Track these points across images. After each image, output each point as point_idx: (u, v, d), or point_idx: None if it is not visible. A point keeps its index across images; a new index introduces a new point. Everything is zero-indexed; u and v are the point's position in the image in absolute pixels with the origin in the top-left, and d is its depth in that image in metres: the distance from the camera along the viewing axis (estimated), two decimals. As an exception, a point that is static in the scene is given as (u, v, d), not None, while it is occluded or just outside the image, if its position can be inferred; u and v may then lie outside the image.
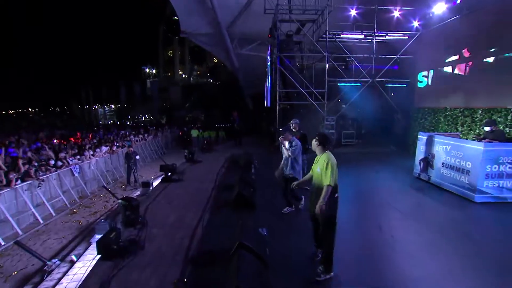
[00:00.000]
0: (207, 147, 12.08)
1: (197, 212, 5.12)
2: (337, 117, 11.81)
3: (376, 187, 6.54)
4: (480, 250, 3.62)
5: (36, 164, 7.44)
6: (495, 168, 5.08)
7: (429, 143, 6.53)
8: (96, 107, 40.93)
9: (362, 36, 10.68)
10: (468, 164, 5.34)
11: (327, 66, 10.80)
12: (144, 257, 3.56)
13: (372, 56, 10.45)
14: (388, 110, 11.42)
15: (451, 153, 5.80)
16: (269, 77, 12.87)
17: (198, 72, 38.06)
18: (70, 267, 3.41)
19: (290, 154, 4.60)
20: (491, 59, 7.15)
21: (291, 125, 5.96)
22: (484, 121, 6.53)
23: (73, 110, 40.05)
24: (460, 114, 8.02)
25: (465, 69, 7.92)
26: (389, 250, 3.70)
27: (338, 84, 11.43)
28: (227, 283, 2.73)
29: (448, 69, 8.61)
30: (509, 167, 5.08)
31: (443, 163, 6.04)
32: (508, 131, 6.57)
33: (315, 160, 3.27)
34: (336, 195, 3.05)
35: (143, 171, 11.89)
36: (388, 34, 10.48)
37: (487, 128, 5.68)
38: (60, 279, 3.18)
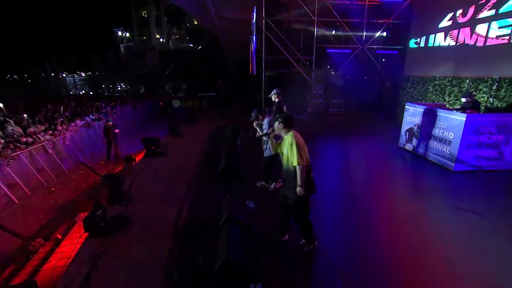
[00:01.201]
0: (190, 118, 11.91)
1: (183, 186, 5.23)
2: (325, 86, 11.82)
3: (361, 157, 6.87)
4: (457, 217, 4.01)
5: (2, 141, 7.11)
6: (475, 138, 5.41)
7: (416, 114, 6.77)
8: (64, 75, 38.13)
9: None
10: (451, 135, 5.65)
11: (316, 31, 10.54)
12: (133, 232, 3.69)
13: (363, 21, 10.25)
14: (378, 78, 11.52)
15: (436, 123, 6.08)
16: (254, 42, 12.43)
17: (177, 36, 35.94)
18: (56, 246, 3.49)
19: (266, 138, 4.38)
20: (484, 26, 7.23)
21: (273, 96, 5.85)
22: (479, 90, 6.79)
23: (37, 79, 36.95)
24: (448, 84, 8.25)
25: (457, 36, 7.99)
26: (370, 219, 4.01)
27: (327, 51, 11.26)
28: (217, 254, 2.91)
29: (440, 35, 8.65)
30: (488, 137, 5.43)
31: (427, 133, 6.35)
32: (491, 101, 6.90)
33: (282, 141, 3.15)
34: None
35: (123, 145, 11.69)
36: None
37: (463, 100, 5.95)
38: (47, 258, 3.26)
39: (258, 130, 3.68)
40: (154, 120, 18.80)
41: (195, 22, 32.19)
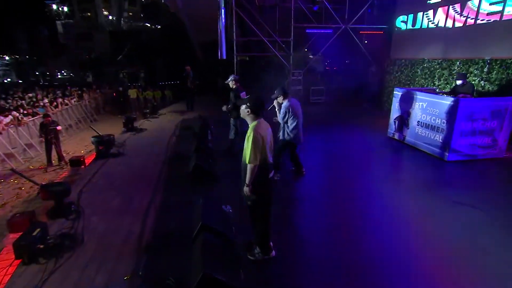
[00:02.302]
0: (151, 111, 11.43)
1: (146, 191, 4.97)
2: (304, 71, 11.89)
3: (348, 149, 6.97)
4: (453, 212, 4.18)
5: None
6: (468, 125, 5.70)
7: (405, 100, 6.99)
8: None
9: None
10: (443, 122, 5.90)
11: (293, 8, 10.50)
12: (85, 253, 3.40)
13: (346, -5, 10.40)
14: (362, 62, 11.81)
15: (427, 110, 6.32)
16: (223, 21, 12.14)
17: (130, 13, 34.25)
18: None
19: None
20: (475, 2, 7.59)
21: (230, 82, 6.02)
22: (470, 72, 7.14)
23: None
24: (438, 67, 8.63)
25: (447, 13, 8.34)
26: (361, 218, 4.06)
27: (306, 31, 11.30)
28: (192, 272, 2.75)
29: (429, 13, 8.98)
30: (482, 124, 5.74)
31: (418, 121, 6.59)
32: (483, 84, 7.32)
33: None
34: (271, 175, 2.94)
35: (68, 146, 10.95)
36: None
37: (458, 82, 6.26)
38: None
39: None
40: (107, 114, 17.92)
41: (151, -1, 30.85)
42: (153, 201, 4.67)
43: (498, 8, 7.10)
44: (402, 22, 10.15)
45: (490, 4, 7.30)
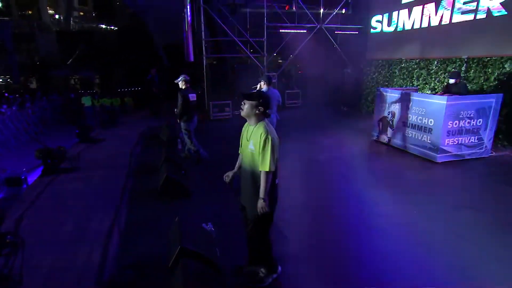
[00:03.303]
0: (109, 119, 10.64)
1: (108, 211, 4.41)
2: (279, 74, 11.78)
3: (331, 155, 6.75)
4: (452, 215, 4.08)
5: None
6: (455, 124, 5.77)
7: (389, 100, 7.02)
8: None
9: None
10: (431, 122, 5.94)
11: (266, 7, 10.40)
12: (27, 296, 2.79)
13: (320, -6, 10.48)
14: (338, 63, 11.95)
15: (413, 110, 6.35)
16: (189, 21, 11.74)
17: (81, 13, 32.47)
18: None
19: None
20: (449, 1, 7.91)
21: (180, 82, 6.01)
22: (448, 72, 7.35)
23: None
24: (416, 66, 8.87)
25: (422, 13, 8.63)
26: (361, 227, 3.82)
27: (280, 31, 11.25)
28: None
29: (404, 13, 9.26)
30: (468, 122, 5.85)
31: (404, 122, 6.61)
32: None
33: (244, 130, 2.74)
34: (276, 181, 2.69)
35: (6, 162, 9.80)
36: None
37: (451, 81, 6.34)
38: None
39: None
40: (56, 124, 16.58)
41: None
42: (116, 222, 4.11)
43: (471, 7, 7.44)
44: (377, 22, 10.42)
45: (464, 3, 7.64)
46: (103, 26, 29.27)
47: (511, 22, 6.76)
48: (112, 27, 28.12)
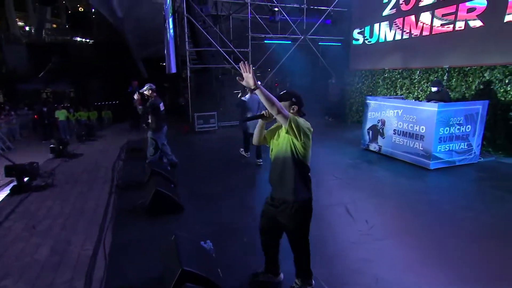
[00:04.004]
0: (87, 133, 10.06)
1: (90, 232, 3.96)
2: (263, 84, 11.67)
3: (322, 164, 6.55)
4: (452, 222, 3.98)
5: None
6: (446, 130, 5.80)
7: (378, 108, 7.01)
8: None
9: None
10: (422, 129, 5.94)
11: (250, 17, 10.36)
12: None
13: (303, 6, 10.57)
14: (322, 74, 12.03)
15: (403, 117, 6.35)
16: (171, 33, 11.49)
17: (54, 25, 31.33)
18: None
19: None
20: (428, 14, 8.16)
21: (146, 91, 5.88)
22: (431, 81, 7.47)
23: None
24: (399, 76, 9.03)
25: (403, 25, 8.85)
26: (365, 239, 3.62)
27: (265, 41, 11.22)
28: None
29: (385, 25, 9.48)
30: (458, 129, 5.89)
31: (394, 129, 6.59)
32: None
33: (271, 133, 2.53)
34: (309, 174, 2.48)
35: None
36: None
37: (434, 89, 6.47)
38: None
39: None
40: (26, 140, 15.62)
41: (80, 8, 28.68)
42: (100, 244, 3.68)
43: (450, 20, 7.71)
44: (359, 34, 10.61)
45: (443, 15, 7.90)
46: (78, 39, 28.38)
47: (488, 33, 7.03)
48: (88, 40, 27.32)
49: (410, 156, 6.25)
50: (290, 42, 11.07)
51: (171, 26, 11.37)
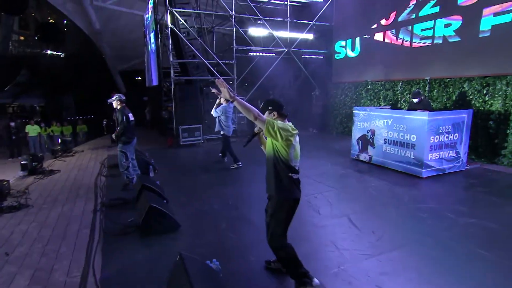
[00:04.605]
0: (63, 148, 9.42)
1: (76, 257, 3.54)
2: (248, 97, 11.58)
3: (315, 175, 6.42)
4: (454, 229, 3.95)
5: None
6: (436, 138, 5.89)
7: (368, 119, 7.06)
8: None
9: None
10: (413, 137, 6.00)
11: (234, 30, 10.32)
12: None
13: (286, 20, 10.68)
14: (306, 86, 12.13)
15: (393, 127, 6.41)
16: (153, 47, 11.20)
17: (22, 38, 29.74)
18: None
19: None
20: (407, 29, 8.47)
21: (114, 102, 5.70)
22: (411, 92, 7.65)
23: None
24: (381, 88, 9.23)
25: (384, 39, 9.13)
26: (376, 251, 3.48)
27: (250, 54, 11.19)
28: None
29: (366, 39, 9.75)
30: (446, 137, 6.01)
31: (385, 139, 6.63)
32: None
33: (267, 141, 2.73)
34: (295, 176, 2.69)
35: None
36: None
37: (415, 100, 6.62)
38: None
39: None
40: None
41: (50, 20, 27.46)
42: (89, 269, 3.29)
43: (429, 34, 8.04)
44: (341, 47, 10.84)
45: (422, 30, 8.24)
46: (49, 52, 27.11)
47: (465, 47, 7.37)
48: (59, 53, 26.15)
49: (402, 165, 6.28)
50: (274, 54, 11.12)
51: (152, 40, 11.10)
